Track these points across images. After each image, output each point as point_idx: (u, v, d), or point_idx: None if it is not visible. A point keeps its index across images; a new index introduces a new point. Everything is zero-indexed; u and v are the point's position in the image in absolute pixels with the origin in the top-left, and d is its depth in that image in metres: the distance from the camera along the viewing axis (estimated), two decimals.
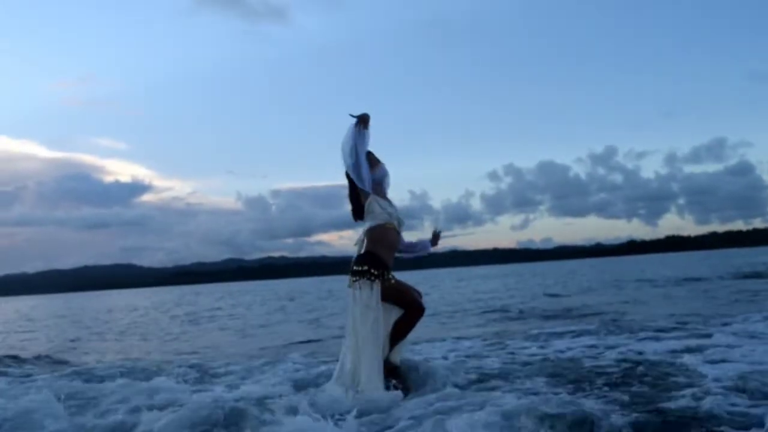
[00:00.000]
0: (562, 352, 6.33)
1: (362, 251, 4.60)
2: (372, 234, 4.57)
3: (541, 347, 6.76)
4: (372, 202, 4.53)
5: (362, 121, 4.39)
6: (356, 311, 4.47)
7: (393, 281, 4.56)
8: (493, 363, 5.81)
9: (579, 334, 7.63)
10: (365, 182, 4.48)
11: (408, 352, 5.20)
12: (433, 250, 5.19)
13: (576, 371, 5.09)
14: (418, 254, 5.12)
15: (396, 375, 4.67)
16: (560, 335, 7.70)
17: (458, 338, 8.25)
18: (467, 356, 6.48)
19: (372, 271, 4.47)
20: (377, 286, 4.46)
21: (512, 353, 6.46)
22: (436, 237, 5.20)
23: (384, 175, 4.68)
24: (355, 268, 4.53)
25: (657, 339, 6.67)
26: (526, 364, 5.65)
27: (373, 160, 4.66)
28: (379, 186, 4.66)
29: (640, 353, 5.78)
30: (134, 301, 41.47)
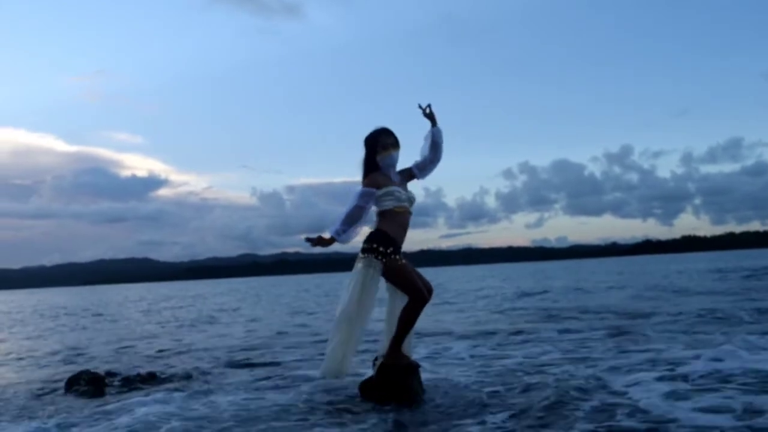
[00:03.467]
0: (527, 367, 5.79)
1: (372, 229, 4.63)
2: (381, 215, 4.61)
3: (523, 356, 6.38)
4: (380, 194, 4.58)
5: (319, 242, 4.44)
6: (350, 287, 4.48)
7: (401, 262, 4.53)
8: (457, 375, 5.45)
9: (576, 342, 7.30)
10: (347, 214, 4.48)
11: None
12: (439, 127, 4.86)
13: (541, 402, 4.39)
14: (439, 142, 4.86)
15: (412, 372, 4.63)
16: (551, 340, 7.49)
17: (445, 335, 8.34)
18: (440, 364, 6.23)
19: (380, 248, 4.47)
20: (380, 265, 4.46)
21: (486, 363, 6.08)
22: (431, 116, 4.84)
23: (388, 164, 4.67)
24: (363, 245, 4.55)
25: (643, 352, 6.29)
26: (495, 378, 5.28)
27: (384, 145, 4.65)
28: (385, 177, 4.64)
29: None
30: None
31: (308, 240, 4.43)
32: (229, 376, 6.23)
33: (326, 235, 4.43)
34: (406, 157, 4.89)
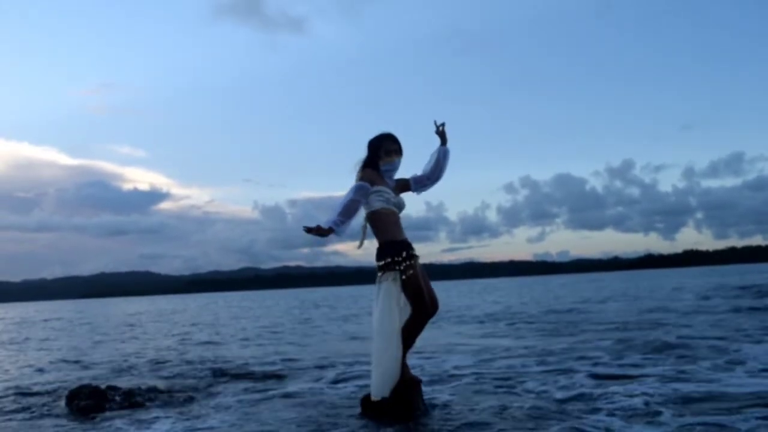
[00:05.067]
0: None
1: (377, 243, 4.57)
2: (371, 218, 4.59)
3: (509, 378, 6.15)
4: (371, 192, 4.57)
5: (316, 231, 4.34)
6: (382, 308, 4.42)
7: (415, 271, 4.46)
8: (443, 393, 5.42)
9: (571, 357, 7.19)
10: (344, 203, 4.45)
11: None
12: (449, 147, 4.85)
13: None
14: (443, 163, 4.85)
15: (414, 387, 4.59)
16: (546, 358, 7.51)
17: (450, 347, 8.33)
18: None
19: (396, 259, 4.43)
20: (399, 276, 4.40)
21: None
22: (442, 134, 4.83)
23: (388, 170, 4.70)
24: (378, 263, 4.50)
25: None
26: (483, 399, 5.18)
27: (387, 151, 4.68)
28: (380, 178, 4.65)
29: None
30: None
31: (307, 229, 4.33)
32: (229, 388, 6.21)
33: (324, 226, 4.36)
34: (406, 169, 4.87)
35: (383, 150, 4.69)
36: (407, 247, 4.53)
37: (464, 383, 5.90)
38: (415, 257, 4.52)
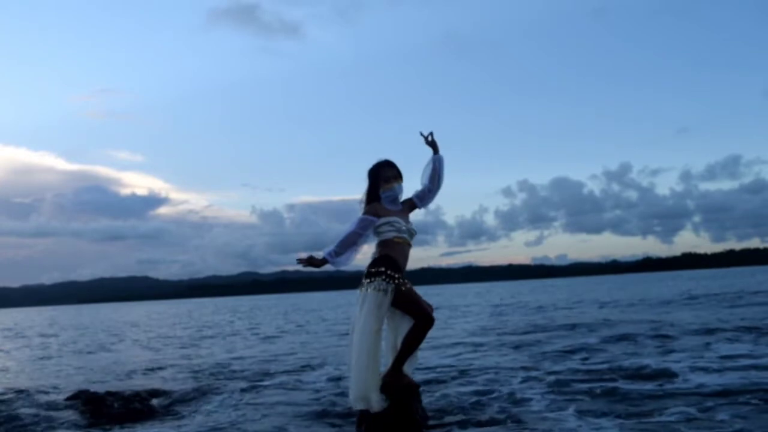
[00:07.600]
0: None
1: (376, 256, 4.56)
2: (384, 245, 4.59)
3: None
4: (380, 224, 4.57)
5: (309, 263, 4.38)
6: (364, 313, 4.39)
7: (408, 287, 4.48)
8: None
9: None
10: (348, 234, 4.48)
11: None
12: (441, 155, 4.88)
13: None
14: (440, 171, 4.86)
15: (413, 391, 4.60)
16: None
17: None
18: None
19: (388, 272, 4.41)
20: (391, 289, 4.39)
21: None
22: (433, 143, 4.85)
23: (390, 197, 4.68)
24: (370, 269, 4.47)
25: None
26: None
27: (386, 178, 4.68)
28: (384, 208, 4.63)
29: None
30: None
31: (299, 260, 4.38)
32: (223, 391, 6.21)
33: (319, 256, 4.38)
34: (409, 179, 4.81)
35: (382, 178, 4.69)
36: (402, 273, 4.51)
37: (456, 385, 5.95)
38: (405, 280, 4.52)
